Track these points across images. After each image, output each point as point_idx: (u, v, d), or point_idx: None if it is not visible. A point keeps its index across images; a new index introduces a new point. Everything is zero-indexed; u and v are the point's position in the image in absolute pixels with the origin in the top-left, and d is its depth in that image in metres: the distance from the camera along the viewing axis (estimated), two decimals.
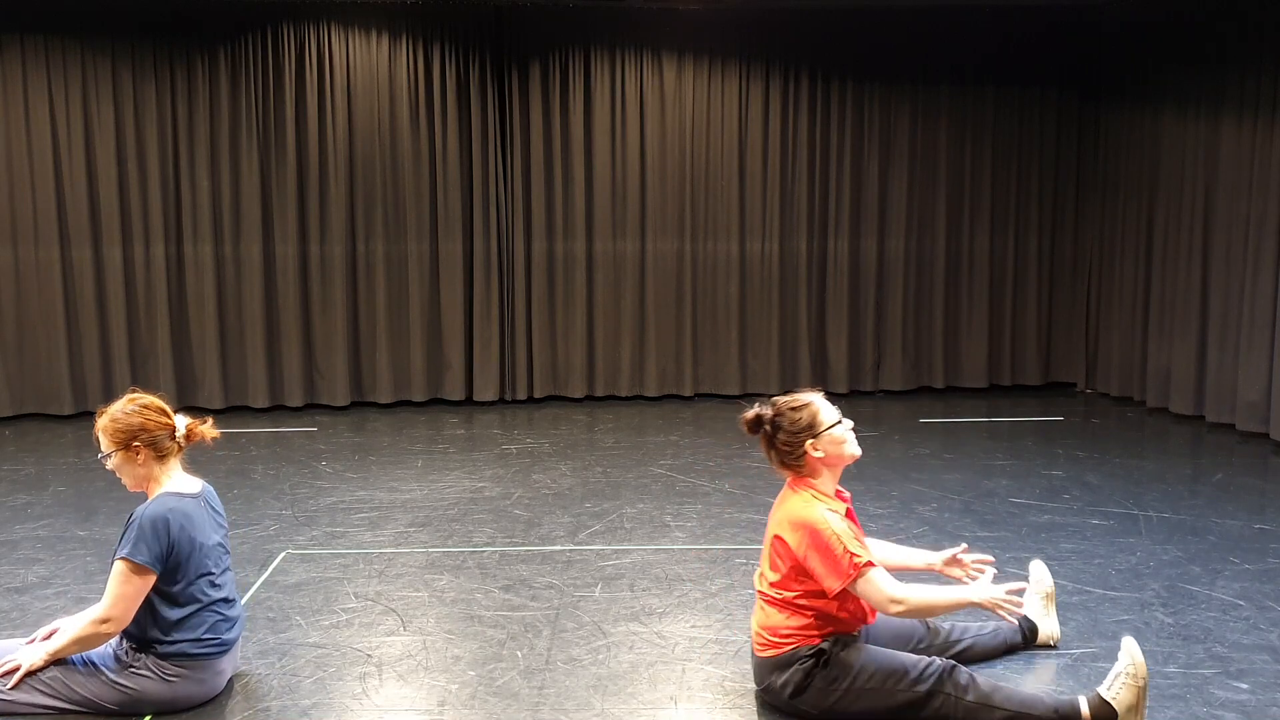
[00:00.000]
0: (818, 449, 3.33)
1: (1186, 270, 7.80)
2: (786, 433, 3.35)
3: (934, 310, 8.93)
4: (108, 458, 3.43)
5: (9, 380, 8.12)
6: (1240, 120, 7.25)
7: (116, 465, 3.43)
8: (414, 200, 8.42)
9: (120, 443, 3.39)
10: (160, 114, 8.11)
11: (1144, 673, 3.12)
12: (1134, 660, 3.13)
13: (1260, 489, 6.00)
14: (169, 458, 3.45)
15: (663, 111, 8.59)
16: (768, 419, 3.38)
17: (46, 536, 5.26)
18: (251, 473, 6.48)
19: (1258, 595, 4.36)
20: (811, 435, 3.33)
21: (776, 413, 3.38)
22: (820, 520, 3.24)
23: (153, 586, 3.32)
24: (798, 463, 3.36)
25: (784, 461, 3.38)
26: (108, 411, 3.44)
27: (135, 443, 3.38)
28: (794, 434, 3.34)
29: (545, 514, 5.60)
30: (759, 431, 3.41)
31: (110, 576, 3.30)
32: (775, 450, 3.39)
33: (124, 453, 3.39)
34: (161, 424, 3.43)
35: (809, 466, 3.36)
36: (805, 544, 3.24)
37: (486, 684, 3.61)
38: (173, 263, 8.26)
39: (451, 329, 8.57)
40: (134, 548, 3.27)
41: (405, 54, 8.29)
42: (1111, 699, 3.12)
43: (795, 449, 3.34)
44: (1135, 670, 3.12)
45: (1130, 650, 3.15)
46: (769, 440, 3.39)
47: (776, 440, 3.37)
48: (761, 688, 3.42)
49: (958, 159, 8.81)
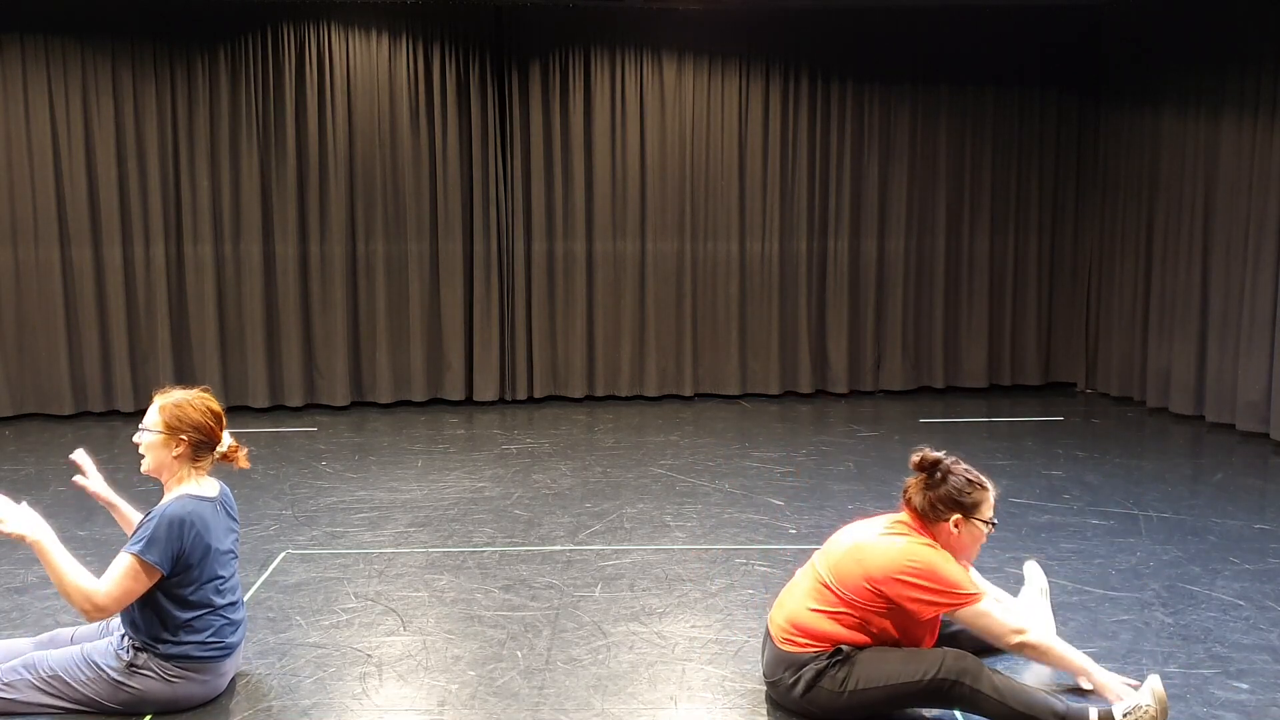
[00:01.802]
0: (959, 527, 3.35)
1: (1186, 270, 7.80)
2: (952, 491, 3.34)
3: (934, 310, 8.93)
4: (148, 431, 3.40)
5: (9, 380, 8.12)
6: (1240, 120, 7.25)
7: (152, 443, 3.41)
8: (414, 200, 8.43)
9: (173, 429, 3.39)
10: (160, 114, 8.11)
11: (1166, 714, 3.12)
12: (1157, 698, 3.13)
13: (1260, 489, 6.00)
14: (199, 465, 3.47)
15: (663, 111, 8.59)
16: (944, 468, 3.38)
17: None
18: (251, 473, 6.47)
19: (1258, 595, 4.36)
20: (964, 514, 3.34)
21: (954, 471, 3.37)
22: (942, 560, 3.27)
23: (162, 588, 3.32)
24: (934, 520, 3.37)
25: (923, 510, 3.37)
26: (175, 394, 3.44)
27: (184, 435, 3.39)
28: (956, 499, 3.34)
29: (545, 514, 5.60)
30: (928, 472, 3.40)
31: (116, 565, 3.28)
32: (927, 494, 3.37)
33: (169, 438, 3.39)
34: (215, 435, 3.47)
35: (936, 531, 3.37)
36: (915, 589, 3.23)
37: (486, 684, 3.61)
38: (173, 263, 8.26)
39: (451, 329, 8.57)
40: (147, 545, 3.27)
41: (405, 54, 8.29)
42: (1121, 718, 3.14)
43: (944, 510, 3.34)
44: (1158, 711, 3.12)
45: (1154, 688, 3.15)
46: (929, 484, 3.37)
47: (938, 489, 3.36)
48: (772, 680, 3.40)
49: (958, 159, 8.81)
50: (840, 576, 3.34)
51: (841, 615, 3.31)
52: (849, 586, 3.31)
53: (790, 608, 3.42)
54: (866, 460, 6.72)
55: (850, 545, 3.40)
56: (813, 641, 3.32)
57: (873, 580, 3.28)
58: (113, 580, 3.26)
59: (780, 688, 3.36)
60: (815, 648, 3.31)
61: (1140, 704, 3.14)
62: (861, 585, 3.30)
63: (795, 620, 3.37)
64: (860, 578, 3.30)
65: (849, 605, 3.30)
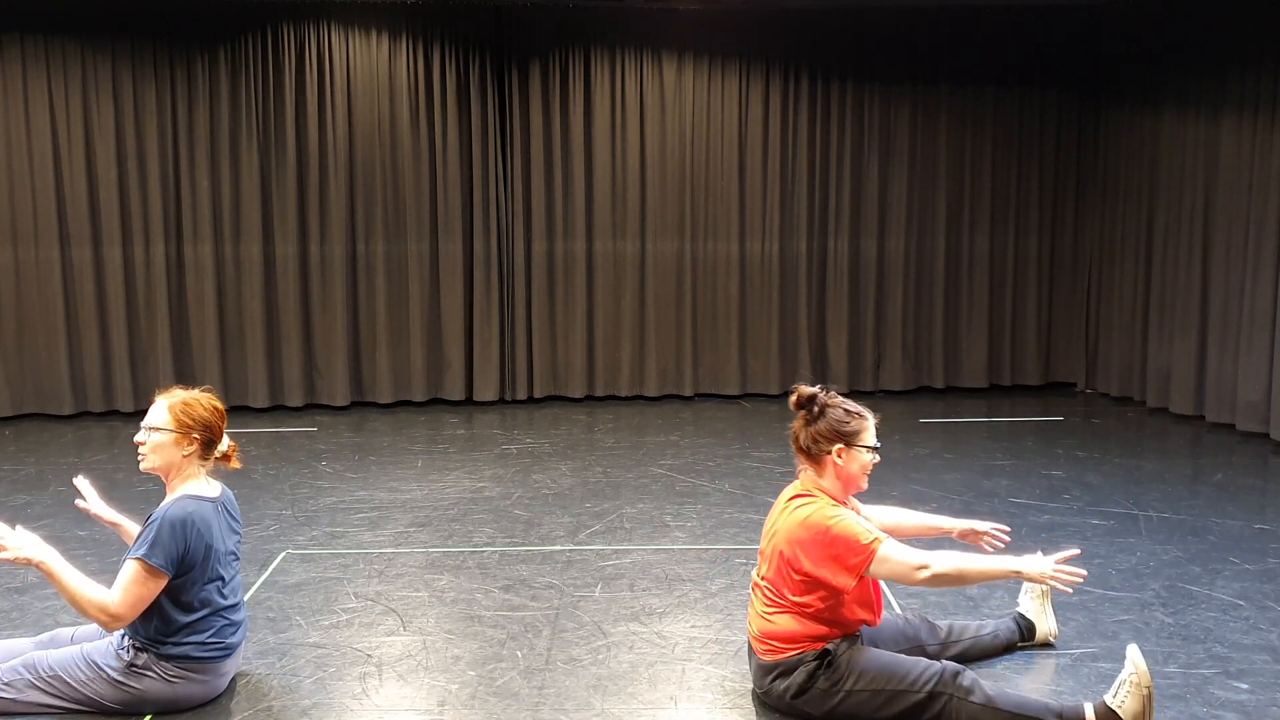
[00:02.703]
0: (841, 457, 3.33)
1: (1186, 270, 7.80)
2: (829, 424, 3.33)
3: (934, 310, 8.93)
4: (160, 431, 3.38)
5: (9, 380, 8.13)
6: (1240, 120, 7.25)
7: (160, 443, 3.39)
8: (414, 200, 8.43)
9: (183, 427, 3.38)
10: (160, 114, 8.11)
11: (1148, 680, 3.10)
12: (1137, 668, 3.12)
13: (1260, 489, 6.01)
14: (206, 464, 3.48)
15: (663, 111, 8.59)
16: (820, 402, 3.37)
17: (46, 536, 5.18)
18: (251, 473, 6.47)
19: (1258, 595, 4.36)
20: (845, 442, 3.32)
21: (831, 404, 3.37)
22: (829, 518, 3.23)
23: (165, 589, 3.32)
24: (817, 456, 3.34)
25: (807, 448, 3.36)
26: (183, 395, 3.44)
27: (195, 435, 3.40)
28: (836, 429, 3.32)
29: (545, 514, 5.60)
30: (805, 408, 3.38)
31: (124, 573, 3.28)
32: (807, 432, 3.36)
33: (181, 436, 3.38)
34: (220, 433, 3.48)
35: (823, 466, 3.35)
36: (818, 551, 3.22)
37: (486, 684, 3.61)
38: (173, 263, 8.26)
39: (451, 329, 8.57)
40: (150, 549, 3.27)
41: (405, 54, 8.29)
42: (1117, 707, 3.11)
43: (825, 443, 3.32)
44: (1139, 679, 3.11)
45: (1134, 658, 3.15)
46: (808, 420, 3.37)
47: (815, 425, 3.34)
48: (762, 691, 3.41)
49: (958, 159, 8.81)
50: (768, 571, 3.38)
51: (789, 607, 3.30)
52: (774, 578, 3.33)
53: (753, 618, 3.44)
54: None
55: (765, 537, 3.42)
56: (787, 645, 3.31)
57: (786, 562, 3.29)
58: (122, 588, 3.27)
59: (773, 695, 3.36)
60: (793, 649, 3.30)
61: (1124, 679, 3.14)
62: (781, 572, 3.31)
63: (762, 630, 3.38)
64: (778, 565, 3.32)
65: (783, 596, 3.31)
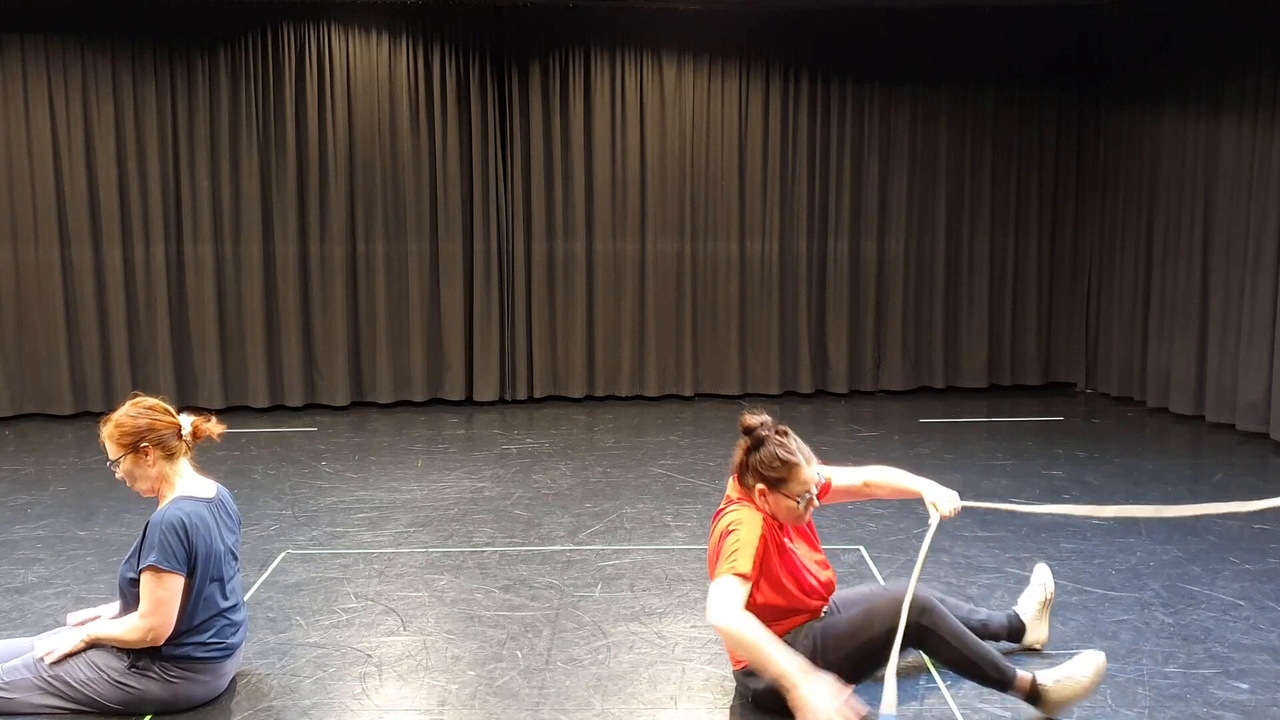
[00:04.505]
0: (765, 498, 3.31)
1: (1186, 270, 7.80)
2: (758, 463, 3.30)
3: (934, 310, 8.93)
4: (117, 464, 3.40)
5: (9, 380, 8.13)
6: (1240, 120, 7.25)
7: (127, 470, 3.40)
8: (414, 200, 8.43)
9: (128, 445, 3.37)
10: (160, 114, 8.11)
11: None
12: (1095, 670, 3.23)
13: (1260, 489, 6.00)
14: (178, 456, 3.44)
15: (663, 111, 8.59)
16: (758, 438, 3.32)
17: (46, 536, 5.26)
18: (251, 473, 6.48)
19: (1258, 595, 4.36)
20: (771, 487, 3.29)
21: (770, 441, 3.30)
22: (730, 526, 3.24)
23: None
24: (746, 485, 3.35)
25: (739, 475, 3.37)
26: (112, 419, 3.41)
27: (143, 444, 3.37)
28: (760, 471, 3.30)
29: (545, 514, 5.60)
30: (748, 436, 3.36)
31: (142, 588, 3.29)
32: (744, 458, 3.35)
33: (133, 455, 3.37)
34: (167, 423, 3.42)
35: (750, 495, 3.34)
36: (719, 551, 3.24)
37: (486, 684, 3.61)
38: (173, 263, 8.26)
39: (451, 329, 8.57)
40: (158, 554, 3.26)
41: (405, 54, 8.29)
42: (1044, 687, 3.20)
43: (752, 478, 3.31)
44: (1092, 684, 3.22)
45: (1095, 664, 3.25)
46: (749, 448, 3.35)
47: (751, 456, 3.33)
48: (750, 695, 3.40)
49: (958, 159, 8.81)
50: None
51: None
52: None
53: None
54: (866, 461, 6.67)
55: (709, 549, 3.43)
56: None
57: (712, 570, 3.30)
58: (145, 601, 3.28)
59: (758, 696, 3.36)
60: None
61: (1071, 674, 3.21)
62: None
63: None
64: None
65: None
